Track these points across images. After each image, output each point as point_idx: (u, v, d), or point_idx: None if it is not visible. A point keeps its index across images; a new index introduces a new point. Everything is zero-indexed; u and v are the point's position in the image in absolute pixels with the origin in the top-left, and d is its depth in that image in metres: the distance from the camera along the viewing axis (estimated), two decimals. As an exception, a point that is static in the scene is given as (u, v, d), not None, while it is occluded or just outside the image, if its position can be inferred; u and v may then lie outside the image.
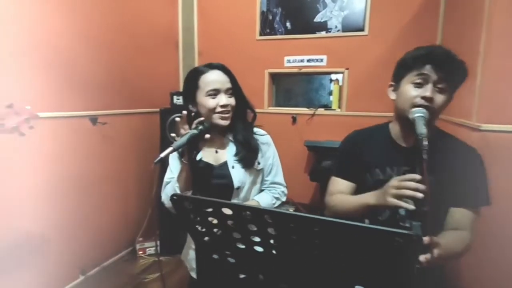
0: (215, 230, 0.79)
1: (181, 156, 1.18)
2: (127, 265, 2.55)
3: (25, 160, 1.87)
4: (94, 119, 2.28)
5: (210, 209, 0.75)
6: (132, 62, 2.59)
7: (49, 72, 1.97)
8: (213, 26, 3.07)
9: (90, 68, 2.24)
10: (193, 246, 1.30)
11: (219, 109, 1.18)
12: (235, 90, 1.23)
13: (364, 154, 1.18)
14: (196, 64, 3.13)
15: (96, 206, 2.37)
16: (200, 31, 3.12)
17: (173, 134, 1.11)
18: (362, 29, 2.62)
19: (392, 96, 1.14)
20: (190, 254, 1.35)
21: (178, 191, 1.18)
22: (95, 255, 2.40)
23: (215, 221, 0.76)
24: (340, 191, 1.19)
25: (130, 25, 2.54)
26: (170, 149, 1.01)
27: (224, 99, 1.19)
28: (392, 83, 1.15)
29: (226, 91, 1.20)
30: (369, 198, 1.04)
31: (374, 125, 1.25)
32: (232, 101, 1.21)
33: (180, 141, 1.05)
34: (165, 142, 2.57)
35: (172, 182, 1.22)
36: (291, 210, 2.61)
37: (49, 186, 2.03)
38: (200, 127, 1.09)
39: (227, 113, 1.20)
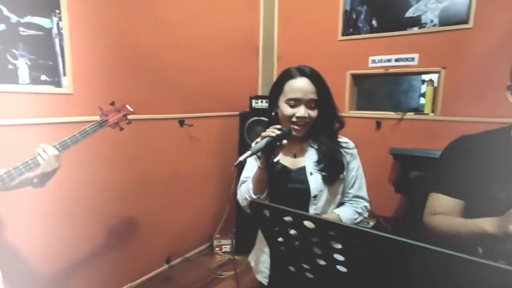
0: (293, 241, 0.76)
1: (258, 159, 1.18)
2: (205, 259, 2.70)
3: (125, 155, 2.13)
4: (181, 121, 2.48)
5: (289, 219, 0.71)
6: (216, 68, 2.74)
7: (146, 79, 2.22)
8: (293, 30, 3.05)
9: (178, 74, 2.44)
10: (265, 250, 1.28)
11: (294, 119, 1.14)
12: (321, 101, 1.15)
13: (478, 165, 0.97)
14: (276, 69, 3.16)
15: (181, 201, 2.57)
16: (280, 36, 3.13)
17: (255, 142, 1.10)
18: (465, 22, 2.28)
19: (512, 98, 0.94)
20: (260, 258, 1.34)
21: (252, 192, 1.18)
22: (178, 246, 2.60)
23: (294, 232, 0.73)
24: (444, 211, 1.01)
25: (214, 33, 2.69)
26: (248, 152, 1.02)
27: (302, 110, 1.13)
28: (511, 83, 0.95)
29: (308, 102, 1.14)
30: (486, 224, 0.86)
31: (490, 129, 1.03)
32: (312, 113, 1.15)
33: (258, 145, 1.05)
34: (244, 144, 2.64)
35: (247, 182, 1.23)
36: (371, 224, 2.41)
37: (145, 180, 2.27)
38: (279, 132, 1.07)
39: (302, 125, 1.15)
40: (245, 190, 1.22)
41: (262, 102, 2.66)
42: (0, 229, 1.62)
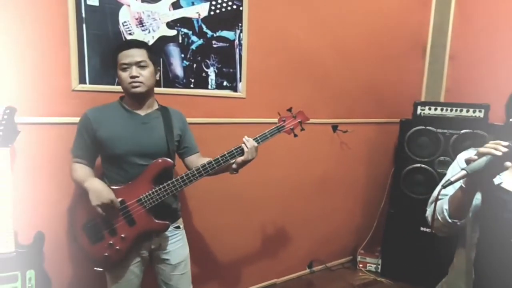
0: None
1: (470, 183, 0.92)
2: (348, 273, 2.55)
3: (277, 157, 2.23)
4: (335, 127, 2.42)
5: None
6: (377, 71, 2.55)
7: (303, 82, 2.25)
8: (472, 25, 2.53)
9: (339, 79, 2.39)
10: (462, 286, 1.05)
11: None
12: None
13: None
14: (446, 71, 2.70)
15: (327, 208, 2.51)
16: (454, 32, 2.66)
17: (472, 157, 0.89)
18: None
19: None
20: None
21: (447, 214, 1.00)
22: (321, 253, 2.56)
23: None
24: None
25: (379, 34, 2.50)
26: (462, 173, 0.83)
27: None
28: None
29: None
30: None
31: None
32: None
33: (476, 164, 0.84)
34: (402, 157, 2.36)
35: (443, 202, 1.04)
36: None
37: (295, 183, 2.33)
38: (506, 150, 0.84)
39: None
40: (439, 211, 1.04)
41: (430, 109, 2.31)
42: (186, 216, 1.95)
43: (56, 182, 1.41)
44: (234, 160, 1.34)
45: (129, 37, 1.66)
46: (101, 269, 1.29)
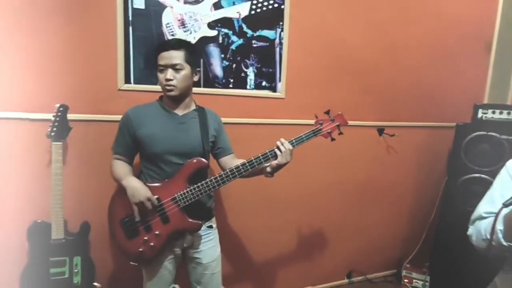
0: None
1: None
2: (389, 287, 2.38)
3: (318, 159, 2.14)
4: (381, 130, 2.26)
5: None
6: (430, 71, 2.34)
7: (349, 83, 2.14)
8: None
9: (386, 79, 2.23)
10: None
11: None
12: None
13: None
14: (515, 68, 2.38)
15: (369, 215, 2.36)
16: (528, 24, 2.33)
17: None
18: None
19: None
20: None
21: (501, 237, 0.88)
22: (360, 263, 2.41)
23: None
24: None
25: (433, 28, 2.29)
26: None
27: None
28: None
29: None
30: None
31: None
32: None
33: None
34: (457, 165, 2.12)
35: (490, 220, 0.91)
36: None
37: (336, 187, 2.22)
38: None
39: None
40: (486, 228, 0.92)
41: (494, 113, 2.05)
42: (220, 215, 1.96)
43: (103, 176, 1.49)
44: (268, 163, 1.30)
45: (171, 38, 1.70)
46: (136, 264, 1.34)
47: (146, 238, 1.29)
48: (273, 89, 1.97)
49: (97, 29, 1.59)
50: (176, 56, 1.28)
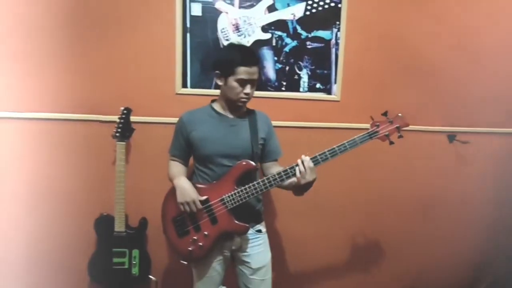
0: None
1: None
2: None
3: (378, 165, 1.99)
4: (451, 136, 2.02)
5: None
6: (508, 69, 2.02)
7: (416, 86, 1.96)
8: None
9: (458, 81, 1.99)
10: None
11: None
12: None
13: None
14: None
15: (434, 231, 2.12)
16: None
17: None
18: None
19: None
20: None
21: None
22: (423, 284, 2.18)
23: None
24: None
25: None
26: None
27: None
28: None
29: None
30: None
31: None
32: None
33: None
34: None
35: None
36: None
37: (396, 197, 2.05)
38: None
39: None
40: None
41: None
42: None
43: (161, 175, 1.57)
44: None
45: (225, 43, 1.74)
46: (185, 263, 1.38)
47: (195, 237, 1.32)
48: (328, 92, 1.89)
49: (157, 36, 1.70)
50: (257, 72, 1.31)
